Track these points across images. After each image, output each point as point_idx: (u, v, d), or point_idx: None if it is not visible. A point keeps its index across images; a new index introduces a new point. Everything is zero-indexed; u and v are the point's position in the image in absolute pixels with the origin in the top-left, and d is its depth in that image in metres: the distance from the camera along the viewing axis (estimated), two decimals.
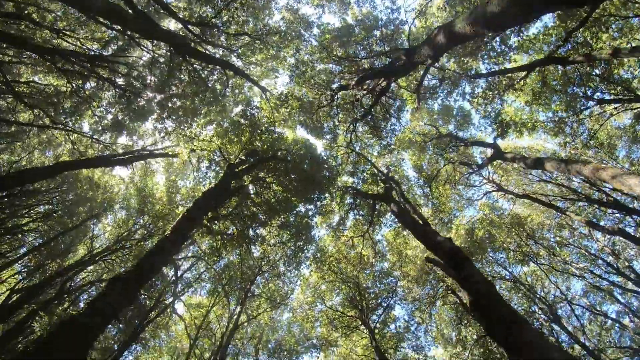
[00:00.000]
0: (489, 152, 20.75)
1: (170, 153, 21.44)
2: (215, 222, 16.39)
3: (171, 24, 19.67)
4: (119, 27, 14.32)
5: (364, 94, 18.69)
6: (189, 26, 15.31)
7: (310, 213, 17.36)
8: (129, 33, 14.94)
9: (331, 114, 18.95)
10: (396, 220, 18.30)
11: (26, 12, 14.91)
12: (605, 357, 22.44)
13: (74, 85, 16.33)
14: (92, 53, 16.73)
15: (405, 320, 22.16)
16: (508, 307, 7.60)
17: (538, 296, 22.49)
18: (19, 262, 22.90)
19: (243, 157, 17.14)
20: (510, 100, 20.43)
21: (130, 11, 11.57)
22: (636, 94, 15.36)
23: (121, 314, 11.84)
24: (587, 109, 17.64)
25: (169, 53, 15.45)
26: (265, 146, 16.17)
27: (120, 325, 24.03)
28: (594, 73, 16.02)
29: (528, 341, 6.32)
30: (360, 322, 20.37)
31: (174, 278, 19.71)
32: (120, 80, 19.31)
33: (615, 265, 21.44)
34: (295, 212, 17.00)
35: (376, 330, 19.77)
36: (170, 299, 19.95)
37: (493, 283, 8.94)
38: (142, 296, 22.55)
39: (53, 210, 23.44)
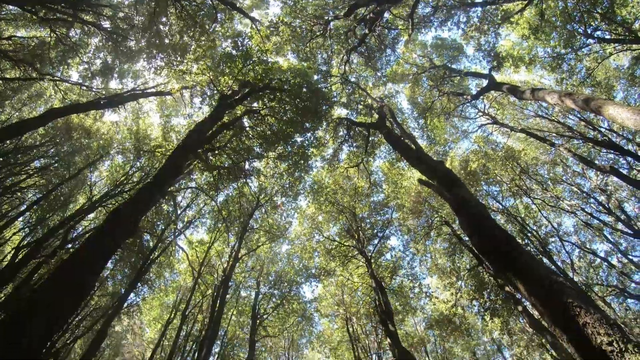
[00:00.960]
0: (485, 83, 20.61)
1: (162, 91, 21.16)
2: (211, 153, 16.41)
3: None
4: None
5: (358, 24, 18.26)
6: None
7: (306, 143, 17.40)
8: None
9: (325, 45, 18.61)
10: (391, 148, 18.44)
11: None
12: (591, 294, 23.30)
13: (58, 34, 15.83)
14: None
15: (401, 250, 22.82)
16: (498, 226, 7.77)
17: (529, 230, 22.97)
18: (21, 218, 23.07)
19: (236, 88, 16.91)
20: (505, 35, 20.07)
21: None
22: (637, 36, 15.05)
23: (123, 245, 11.93)
24: (586, 47, 17.40)
25: None
26: (259, 76, 15.91)
27: (126, 270, 24.75)
28: (595, 11, 15.65)
29: (522, 259, 6.46)
30: (357, 252, 20.96)
31: (173, 217, 20.03)
32: (106, 24, 18.74)
33: (606, 205, 21.72)
34: (291, 142, 17.00)
35: (372, 260, 20.38)
36: (172, 237, 20.39)
37: (484, 204, 9.12)
38: (145, 237, 23.04)
39: (49, 163, 23.37)
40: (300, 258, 24.91)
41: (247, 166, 17.90)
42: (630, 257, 23.29)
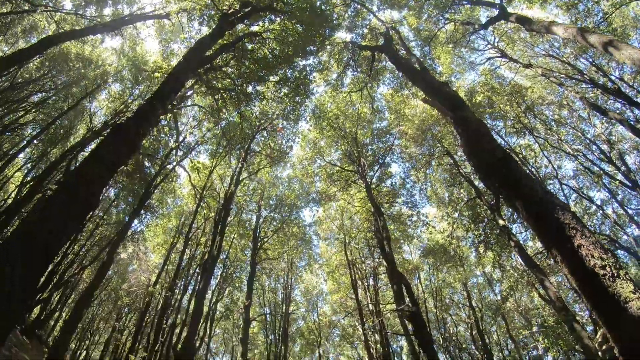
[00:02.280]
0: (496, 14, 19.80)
1: (159, 14, 20.44)
2: (212, 75, 16.13)
3: None
4: None
5: None
6: None
7: (308, 68, 17.06)
8: None
9: None
10: (394, 76, 18.12)
11: None
12: None
13: None
14: None
15: (401, 177, 23.04)
16: (499, 145, 7.66)
17: (530, 169, 22.98)
18: (22, 155, 23.03)
19: (237, 7, 16.30)
20: None
21: None
22: None
23: (125, 162, 11.78)
24: None
25: None
26: None
27: (130, 199, 25.16)
28: None
29: (520, 178, 6.39)
30: (357, 177, 21.16)
31: (174, 140, 20.07)
32: None
33: (608, 154, 21.58)
34: (293, 66, 16.65)
35: (372, 186, 20.62)
36: (174, 162, 20.56)
37: (485, 124, 9.01)
38: (147, 165, 23.21)
39: (47, 97, 23.01)
40: (301, 182, 25.23)
41: (249, 89, 17.66)
42: (626, 208, 23.42)
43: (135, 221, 25.12)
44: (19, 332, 15.91)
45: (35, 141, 22.64)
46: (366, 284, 29.36)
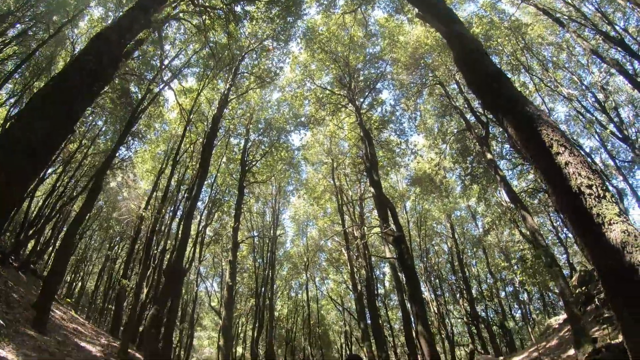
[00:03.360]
0: None
1: None
2: None
3: None
4: None
5: None
6: None
7: None
8: None
9: None
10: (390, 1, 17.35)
11: None
12: None
13: None
14: None
15: (392, 105, 22.85)
16: (491, 62, 7.42)
17: None
18: (5, 91, 22.07)
19: None
20: None
21: None
22: None
23: (107, 74, 11.17)
24: None
25: None
26: None
27: (117, 126, 24.65)
28: None
29: (511, 95, 6.22)
30: (347, 101, 20.95)
31: (160, 60, 19.40)
32: None
33: (602, 103, 21.30)
34: None
35: (362, 111, 20.47)
36: (162, 85, 20.02)
37: (480, 41, 8.73)
38: (133, 91, 22.56)
39: (26, 28, 21.68)
40: (290, 106, 24.92)
41: (237, 8, 16.85)
42: (615, 160, 23.54)
43: (123, 148, 24.93)
44: (14, 267, 16.10)
45: (17, 75, 21.74)
46: (352, 209, 30.13)
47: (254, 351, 30.04)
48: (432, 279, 34.94)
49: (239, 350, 38.95)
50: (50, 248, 25.06)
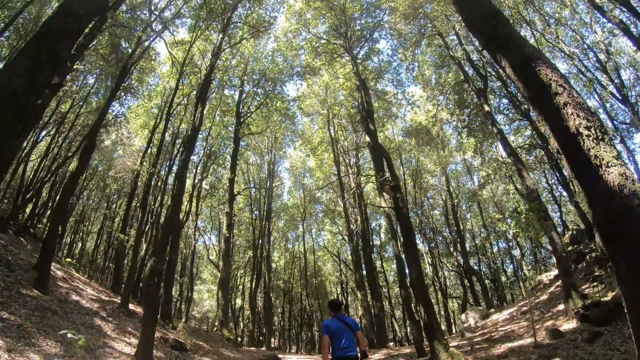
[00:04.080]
0: None
1: None
2: None
3: None
4: None
5: None
6: None
7: None
8: None
9: None
10: None
11: None
12: None
13: None
14: None
15: (389, 55, 22.37)
16: (492, 3, 7.18)
17: None
18: None
19: None
20: None
21: None
22: None
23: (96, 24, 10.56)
24: None
25: None
26: None
27: (108, 83, 24.05)
28: None
29: (509, 33, 6.07)
30: (344, 51, 20.50)
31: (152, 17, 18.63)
32: None
33: (604, 63, 20.79)
34: None
35: (359, 61, 20.05)
36: (153, 36, 19.33)
37: None
38: (124, 46, 21.82)
39: None
40: (285, 56, 24.46)
41: None
42: (613, 121, 23.27)
43: (117, 105, 24.54)
44: (13, 231, 16.08)
45: (2, 38, 20.89)
46: (348, 160, 30.21)
47: (253, 302, 31.00)
48: (427, 231, 35.52)
49: (238, 302, 40.02)
50: (49, 211, 25.13)
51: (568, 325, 10.51)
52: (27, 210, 21.63)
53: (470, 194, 35.83)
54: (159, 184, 23.96)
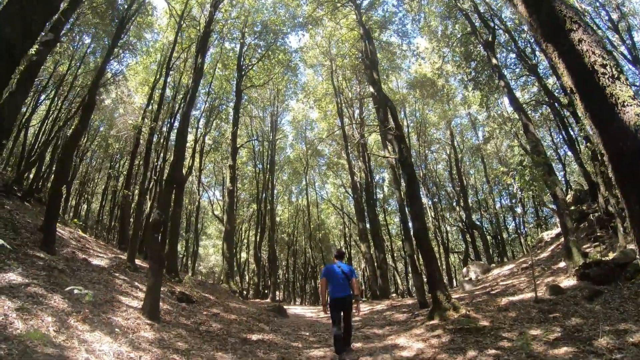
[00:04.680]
0: None
1: None
2: None
3: None
4: None
5: None
6: None
7: None
8: None
9: None
10: None
11: None
12: None
13: None
14: None
15: (394, 5, 21.54)
16: None
17: None
18: None
19: None
20: None
21: None
22: None
23: None
24: None
25: None
26: None
27: (105, 41, 23.34)
28: None
29: None
30: (347, 0, 19.75)
31: None
32: None
33: (616, 23, 19.90)
34: None
35: (363, 10, 19.34)
36: None
37: None
38: (120, 2, 20.97)
39: None
40: (286, 7, 23.74)
41: None
42: None
43: (115, 63, 24.04)
44: (18, 196, 16.03)
45: None
46: (352, 112, 29.99)
47: (257, 255, 31.66)
48: (430, 185, 35.67)
49: (243, 255, 40.70)
50: (52, 175, 25.24)
51: (568, 282, 10.62)
52: (31, 175, 21.75)
53: (474, 149, 35.63)
54: (161, 140, 23.86)
